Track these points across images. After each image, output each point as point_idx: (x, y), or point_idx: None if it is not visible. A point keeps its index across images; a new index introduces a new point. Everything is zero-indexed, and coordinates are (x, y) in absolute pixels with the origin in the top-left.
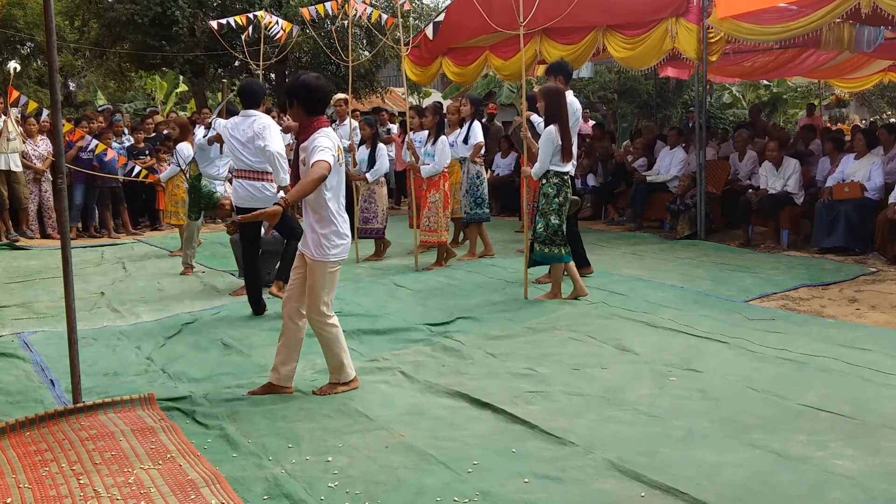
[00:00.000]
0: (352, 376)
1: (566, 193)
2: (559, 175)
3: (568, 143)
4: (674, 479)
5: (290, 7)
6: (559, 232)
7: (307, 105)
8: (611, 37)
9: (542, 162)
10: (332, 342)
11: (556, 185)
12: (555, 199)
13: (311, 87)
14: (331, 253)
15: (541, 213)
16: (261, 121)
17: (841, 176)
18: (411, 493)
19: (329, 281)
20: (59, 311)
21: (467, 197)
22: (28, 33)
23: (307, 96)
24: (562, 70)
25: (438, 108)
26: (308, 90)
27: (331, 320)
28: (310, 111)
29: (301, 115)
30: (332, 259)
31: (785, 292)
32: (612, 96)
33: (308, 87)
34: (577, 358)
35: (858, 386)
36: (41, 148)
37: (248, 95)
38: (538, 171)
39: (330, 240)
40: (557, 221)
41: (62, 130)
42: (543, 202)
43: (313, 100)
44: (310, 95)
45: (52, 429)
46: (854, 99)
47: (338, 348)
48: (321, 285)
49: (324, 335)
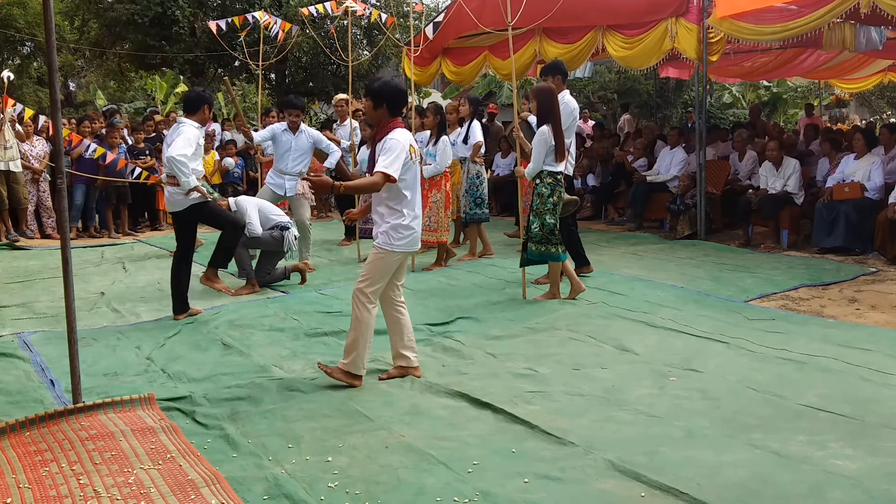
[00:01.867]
0: (360, 371)
1: (560, 193)
2: (553, 175)
3: (561, 142)
4: (674, 479)
5: (289, 7)
6: (554, 231)
7: (392, 107)
8: (610, 36)
9: (536, 162)
10: (360, 325)
11: (550, 184)
12: (549, 198)
13: (400, 91)
14: (396, 244)
15: (536, 212)
16: (178, 128)
17: (841, 176)
18: (411, 493)
19: (385, 267)
20: (59, 311)
21: (467, 197)
22: (28, 33)
23: (396, 98)
24: (558, 70)
25: (439, 109)
26: (398, 93)
27: (371, 305)
28: (393, 111)
29: (382, 115)
30: (395, 249)
31: (785, 292)
32: (612, 96)
33: (398, 91)
34: (577, 358)
35: (858, 386)
36: (38, 148)
37: (185, 103)
38: (532, 172)
39: (397, 230)
40: (553, 221)
41: (62, 131)
42: (538, 202)
43: (398, 101)
44: (399, 98)
45: (52, 429)
46: (854, 99)
47: (360, 335)
48: (376, 268)
49: (358, 315)
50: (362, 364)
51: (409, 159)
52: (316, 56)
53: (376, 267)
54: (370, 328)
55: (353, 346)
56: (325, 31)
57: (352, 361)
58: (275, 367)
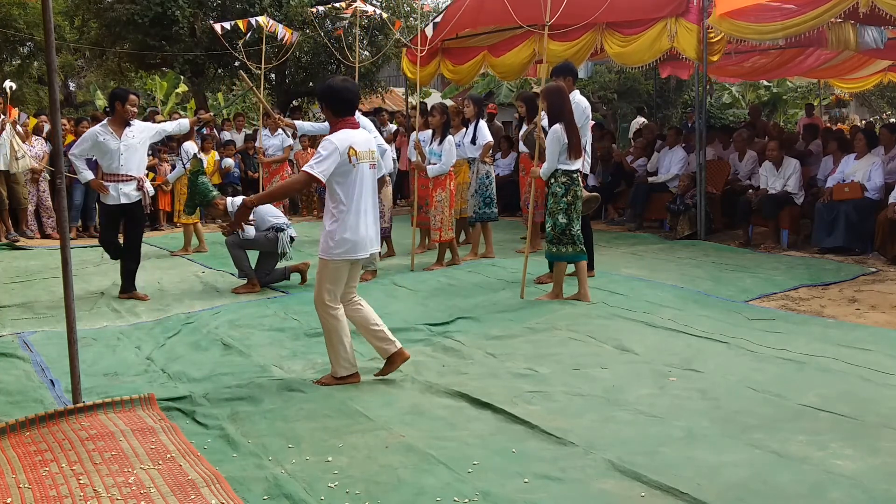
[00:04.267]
0: (348, 371)
1: (575, 192)
2: (567, 174)
3: (576, 140)
4: (674, 479)
5: (290, 7)
6: (567, 231)
7: (335, 108)
8: (609, 35)
9: (550, 161)
10: (331, 333)
11: (565, 183)
12: (563, 198)
13: (335, 89)
14: (332, 251)
15: (549, 212)
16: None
17: (841, 176)
18: (411, 493)
19: (330, 275)
20: (59, 311)
21: (476, 197)
22: (28, 33)
23: (332, 99)
24: (569, 71)
25: (445, 108)
26: (333, 93)
27: (333, 310)
28: (335, 112)
29: (329, 116)
30: (333, 258)
31: (785, 292)
32: (612, 96)
33: (333, 91)
34: (577, 358)
35: (858, 386)
36: (37, 148)
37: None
38: (546, 171)
39: (332, 237)
40: (565, 220)
41: (61, 131)
42: (552, 201)
43: (336, 100)
44: (333, 96)
45: (52, 429)
46: (854, 99)
47: (335, 340)
48: (322, 277)
49: (325, 325)
50: (350, 363)
51: (346, 161)
52: (316, 56)
53: (322, 276)
54: (343, 329)
55: (334, 353)
56: (327, 31)
57: (338, 366)
58: (275, 367)
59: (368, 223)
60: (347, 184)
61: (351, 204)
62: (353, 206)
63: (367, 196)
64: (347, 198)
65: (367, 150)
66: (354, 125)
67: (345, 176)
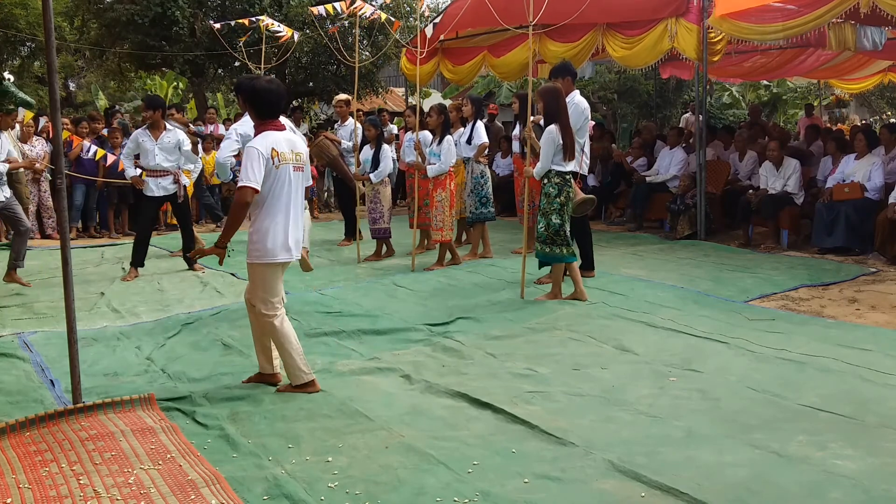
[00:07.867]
0: (305, 378)
1: (568, 193)
2: (561, 174)
3: (570, 142)
4: (674, 479)
5: (290, 7)
6: (560, 231)
7: (258, 109)
8: (610, 36)
9: (544, 161)
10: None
11: (558, 184)
12: (556, 198)
13: (258, 91)
14: (253, 254)
15: (542, 212)
16: None
17: (841, 176)
18: (411, 493)
19: (262, 281)
20: (59, 311)
21: (472, 196)
22: (29, 33)
23: (254, 99)
24: (567, 71)
25: (444, 108)
26: (255, 93)
27: (271, 318)
28: (259, 114)
29: (252, 117)
30: (255, 262)
31: (785, 292)
32: (612, 96)
33: (255, 91)
34: (577, 358)
35: (858, 386)
36: (38, 148)
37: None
38: (540, 171)
39: (251, 240)
40: (558, 221)
41: (61, 131)
42: (545, 202)
43: (260, 102)
44: (257, 98)
45: (52, 429)
46: (854, 99)
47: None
48: (253, 281)
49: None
50: (303, 371)
51: (270, 164)
52: (316, 56)
53: (254, 283)
54: (288, 336)
55: (285, 361)
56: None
57: (293, 376)
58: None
59: (294, 226)
60: (269, 185)
61: (274, 205)
62: (276, 208)
63: (291, 198)
64: (271, 199)
65: (290, 151)
66: (279, 127)
67: (267, 177)
